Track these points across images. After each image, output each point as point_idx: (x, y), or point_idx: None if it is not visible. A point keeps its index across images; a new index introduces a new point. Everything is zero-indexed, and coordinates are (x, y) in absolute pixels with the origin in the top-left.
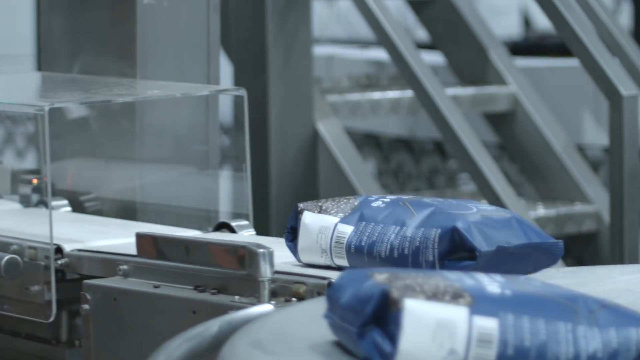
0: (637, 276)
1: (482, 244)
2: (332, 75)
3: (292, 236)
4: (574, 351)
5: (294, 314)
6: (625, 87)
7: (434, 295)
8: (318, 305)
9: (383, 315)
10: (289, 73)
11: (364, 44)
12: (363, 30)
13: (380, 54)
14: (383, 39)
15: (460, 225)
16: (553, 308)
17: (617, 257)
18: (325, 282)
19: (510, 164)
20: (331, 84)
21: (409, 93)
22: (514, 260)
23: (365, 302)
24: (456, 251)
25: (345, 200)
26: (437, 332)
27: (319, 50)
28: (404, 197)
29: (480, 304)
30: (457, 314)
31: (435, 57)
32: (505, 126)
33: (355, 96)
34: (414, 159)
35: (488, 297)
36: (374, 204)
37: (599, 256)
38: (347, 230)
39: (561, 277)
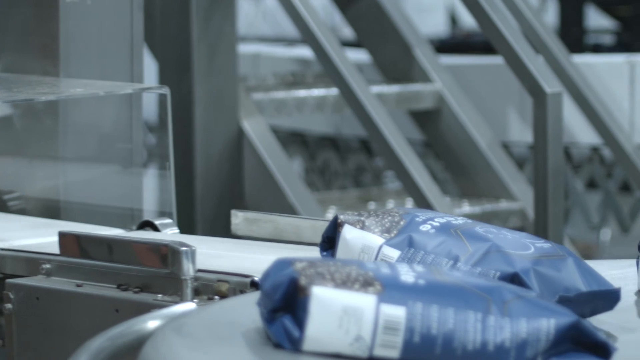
0: (624, 271)
1: (543, 293)
2: (258, 73)
3: (327, 246)
4: (482, 340)
5: (216, 310)
6: (549, 84)
7: (343, 283)
8: (240, 302)
9: (293, 302)
10: (214, 71)
11: (290, 42)
12: (290, 28)
13: (306, 52)
14: (308, 37)
15: (521, 271)
16: (465, 298)
17: None
18: (248, 280)
19: (436, 162)
20: (256, 82)
21: (334, 91)
22: (571, 306)
23: (276, 289)
24: None
25: (389, 217)
26: (343, 319)
27: (246, 49)
28: (454, 221)
29: (390, 292)
30: (364, 301)
31: (360, 55)
32: (431, 124)
33: (280, 94)
34: (340, 157)
35: (399, 286)
36: (423, 228)
37: None
38: (394, 254)
39: None
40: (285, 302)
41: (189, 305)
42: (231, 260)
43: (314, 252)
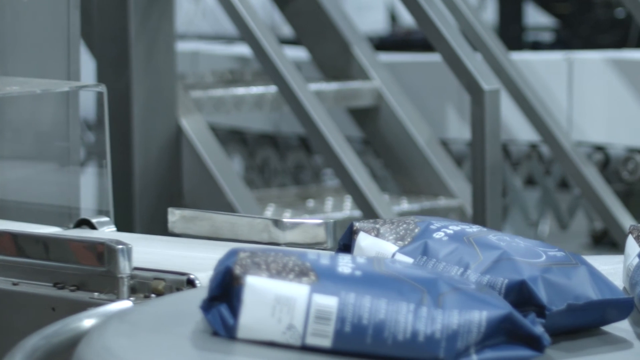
0: (615, 267)
1: (552, 301)
2: (196, 71)
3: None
4: (412, 331)
5: (152, 308)
6: (486, 81)
7: (278, 273)
8: (175, 299)
9: (229, 291)
10: (152, 69)
11: (229, 39)
12: (229, 26)
13: (244, 49)
14: (246, 35)
15: (528, 279)
16: (400, 290)
17: None
18: (184, 278)
19: (375, 159)
20: (195, 79)
21: (272, 89)
22: (582, 315)
23: (214, 278)
24: (523, 304)
25: (404, 225)
26: (276, 308)
27: (185, 46)
28: (468, 229)
29: (324, 283)
30: (297, 291)
31: (299, 53)
32: (369, 121)
33: (218, 92)
34: (279, 155)
35: (334, 277)
36: (436, 235)
37: None
38: (407, 261)
39: None
40: (222, 290)
41: (125, 303)
42: (168, 258)
43: None
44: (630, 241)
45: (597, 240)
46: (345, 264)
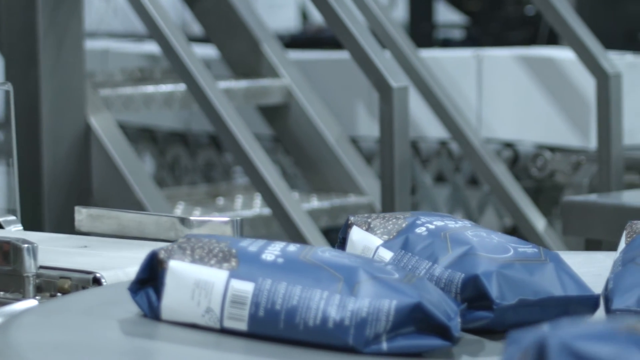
0: (601, 265)
1: (503, 296)
2: (106, 69)
3: (342, 247)
4: (322, 317)
5: (57, 306)
6: (395, 79)
7: (200, 259)
8: (81, 296)
9: (156, 274)
10: (60, 67)
11: (139, 37)
12: (140, 24)
13: (154, 47)
14: (154, 33)
15: (482, 273)
16: (318, 278)
17: None
18: (90, 276)
19: (285, 157)
20: (104, 77)
21: (182, 87)
22: (540, 311)
23: (142, 262)
24: (478, 299)
25: (394, 220)
26: (195, 291)
27: (95, 44)
28: (452, 224)
29: (243, 269)
30: (216, 276)
31: (209, 51)
32: (279, 119)
33: (128, 90)
34: (189, 153)
35: (255, 263)
36: (418, 230)
37: None
38: (387, 255)
39: None
40: (150, 274)
41: (30, 302)
42: (74, 257)
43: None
44: (622, 238)
45: None
46: (271, 251)
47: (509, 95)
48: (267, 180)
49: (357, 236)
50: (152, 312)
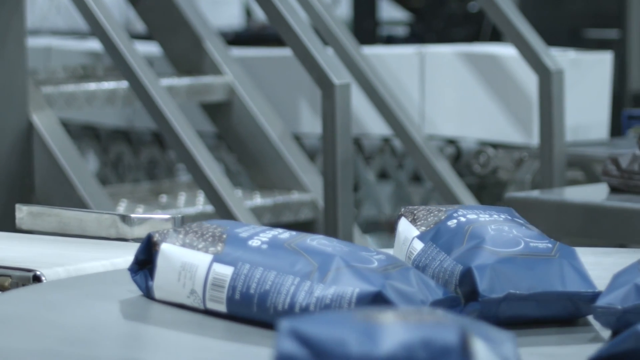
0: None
1: (490, 289)
2: (48, 66)
3: None
4: (290, 302)
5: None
6: (337, 76)
7: (190, 243)
8: (20, 295)
9: (152, 256)
10: (2, 65)
11: (82, 35)
12: (83, 21)
13: (97, 44)
14: (96, 30)
15: (476, 266)
16: (294, 264)
17: None
18: (31, 274)
19: (228, 154)
20: (46, 75)
21: (124, 84)
22: (537, 305)
23: (140, 244)
24: (471, 292)
25: (437, 212)
26: (181, 274)
27: (38, 42)
28: (483, 217)
29: (227, 253)
30: (201, 259)
31: (152, 48)
32: (222, 116)
33: (70, 87)
34: (133, 150)
35: (240, 248)
36: (450, 222)
37: None
38: (418, 247)
39: None
40: (147, 256)
41: None
42: (14, 255)
43: (99, 246)
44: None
45: None
46: (261, 237)
47: (452, 92)
48: (209, 178)
49: (403, 227)
50: (147, 292)
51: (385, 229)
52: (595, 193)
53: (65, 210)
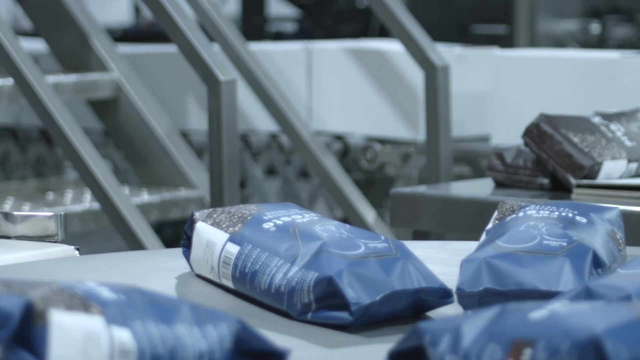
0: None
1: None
2: None
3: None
4: (268, 282)
5: None
6: (223, 72)
7: (218, 222)
8: None
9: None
10: None
11: None
12: None
13: None
14: None
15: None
16: (286, 247)
17: None
18: None
19: (116, 151)
20: None
21: (9, 81)
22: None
23: (187, 223)
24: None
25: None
26: (206, 250)
27: None
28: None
29: (240, 234)
30: (219, 238)
31: (39, 45)
32: (109, 113)
33: None
34: (19, 148)
35: (253, 230)
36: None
37: None
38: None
39: None
40: (190, 233)
41: None
42: None
43: None
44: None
45: None
46: (279, 219)
47: (339, 88)
48: (95, 175)
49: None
50: (190, 266)
51: None
52: (481, 188)
53: None
